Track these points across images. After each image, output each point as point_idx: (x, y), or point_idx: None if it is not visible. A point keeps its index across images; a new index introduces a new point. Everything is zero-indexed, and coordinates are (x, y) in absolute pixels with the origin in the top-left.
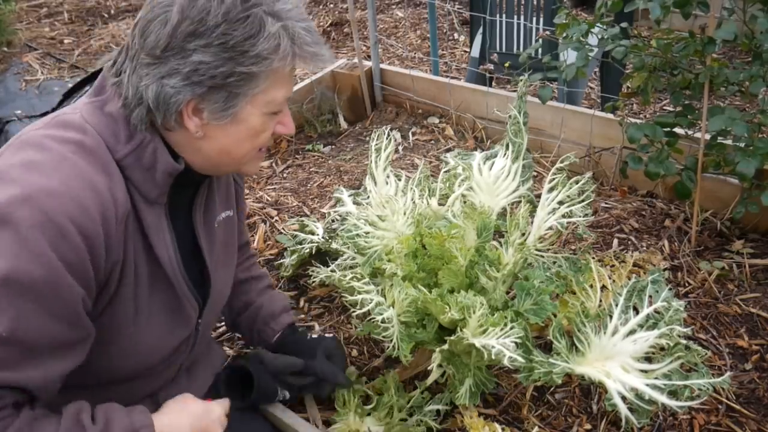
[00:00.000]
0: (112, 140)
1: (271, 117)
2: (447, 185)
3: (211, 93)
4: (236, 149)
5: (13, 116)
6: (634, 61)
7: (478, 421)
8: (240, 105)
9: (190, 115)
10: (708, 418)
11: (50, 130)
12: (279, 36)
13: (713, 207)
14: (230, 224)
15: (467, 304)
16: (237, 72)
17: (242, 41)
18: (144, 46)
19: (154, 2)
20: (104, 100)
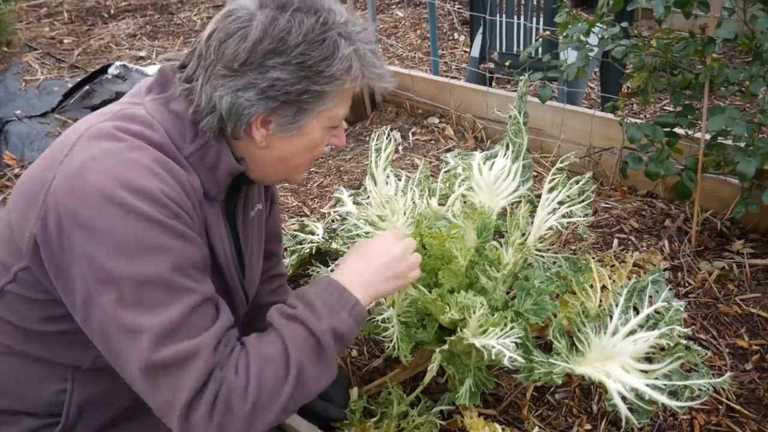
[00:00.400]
0: (178, 138)
1: (330, 130)
2: (447, 185)
3: (282, 107)
4: (294, 159)
5: (13, 116)
6: (635, 61)
7: (478, 422)
8: (306, 119)
9: (258, 127)
10: (708, 418)
11: (118, 122)
12: (351, 58)
13: (713, 207)
14: (261, 217)
15: (467, 304)
16: (311, 90)
17: (319, 62)
18: (221, 58)
19: (231, 16)
20: (168, 97)
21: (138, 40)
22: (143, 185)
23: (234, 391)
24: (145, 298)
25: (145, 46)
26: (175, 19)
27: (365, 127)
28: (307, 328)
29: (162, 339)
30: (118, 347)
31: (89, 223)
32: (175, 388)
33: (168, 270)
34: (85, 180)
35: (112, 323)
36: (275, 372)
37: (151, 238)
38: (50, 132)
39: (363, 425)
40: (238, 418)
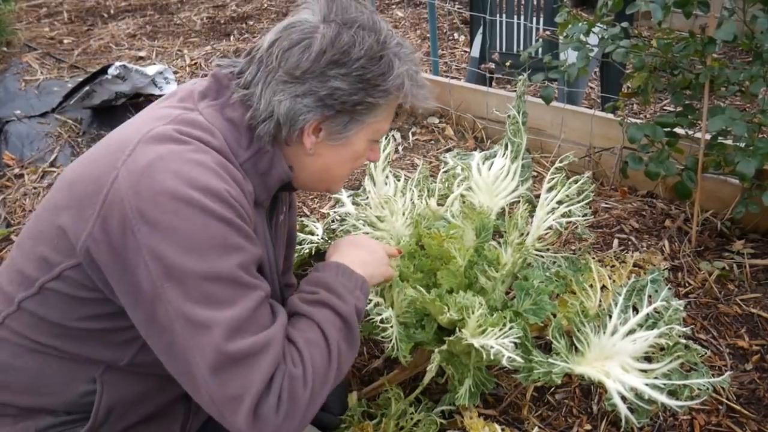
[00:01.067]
0: (234, 145)
1: (370, 144)
2: (446, 185)
3: (336, 116)
4: (337, 169)
5: (13, 116)
6: (635, 61)
7: (478, 422)
8: (355, 130)
9: (310, 134)
10: (708, 418)
11: (180, 125)
12: (403, 76)
13: (713, 207)
14: (285, 220)
15: (466, 304)
16: (366, 102)
17: (377, 76)
18: (283, 66)
19: (295, 28)
20: (223, 103)
21: (138, 41)
22: (212, 185)
23: (296, 380)
24: (214, 294)
25: (145, 46)
26: (175, 19)
27: None
28: (335, 311)
29: (233, 333)
30: (185, 343)
31: (158, 219)
32: (246, 381)
33: (236, 267)
34: (153, 179)
35: (179, 319)
36: (321, 356)
37: (222, 236)
38: (50, 132)
39: (362, 425)
40: (300, 406)
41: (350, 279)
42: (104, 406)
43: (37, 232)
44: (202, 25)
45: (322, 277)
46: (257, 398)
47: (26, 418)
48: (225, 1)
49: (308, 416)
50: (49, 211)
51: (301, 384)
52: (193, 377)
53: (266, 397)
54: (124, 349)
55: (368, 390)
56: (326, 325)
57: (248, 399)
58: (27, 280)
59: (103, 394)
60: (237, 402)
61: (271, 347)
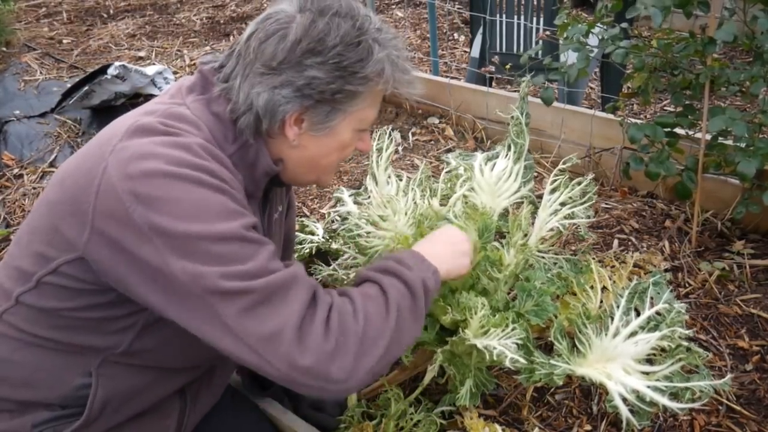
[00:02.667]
0: (221, 138)
1: (357, 134)
2: (448, 186)
3: (316, 106)
4: (324, 160)
5: (12, 116)
6: (635, 62)
7: (478, 422)
8: (338, 120)
9: (292, 125)
10: (708, 419)
11: (166, 119)
12: (383, 62)
13: (714, 207)
14: (281, 218)
15: (468, 305)
16: (345, 90)
17: (354, 63)
18: (260, 57)
19: (271, 18)
20: (209, 99)
21: (137, 41)
22: (201, 162)
23: (345, 313)
24: (226, 252)
25: (144, 46)
26: (175, 19)
27: None
28: (400, 278)
29: (255, 276)
30: (209, 299)
31: (153, 196)
32: (282, 312)
33: (240, 227)
34: (142, 163)
35: (197, 281)
36: (377, 308)
37: (220, 202)
38: (49, 132)
39: (361, 425)
40: (352, 338)
41: (422, 263)
42: (99, 399)
43: (33, 228)
44: (202, 25)
45: (395, 254)
46: (299, 325)
47: (23, 413)
48: (224, 2)
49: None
50: (44, 207)
51: (351, 317)
52: (227, 331)
53: (310, 323)
54: (120, 336)
55: (368, 390)
56: (387, 287)
57: (289, 329)
58: (24, 275)
59: (98, 388)
60: (277, 336)
61: (297, 279)
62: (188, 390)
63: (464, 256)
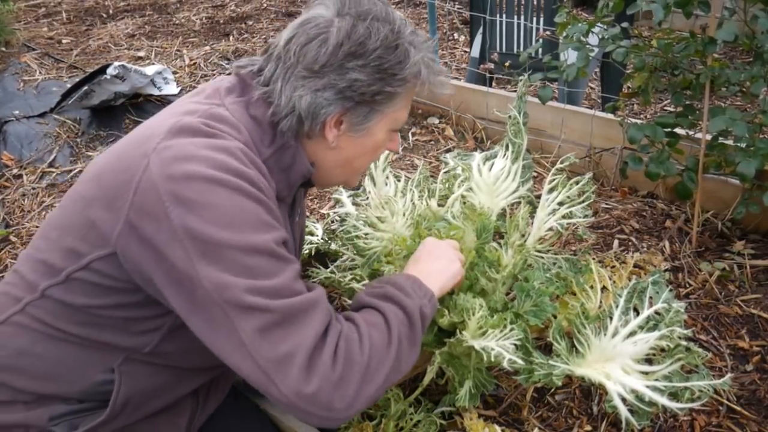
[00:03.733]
0: (258, 141)
1: (389, 134)
2: (446, 186)
3: (356, 108)
4: (357, 161)
5: (11, 116)
6: (635, 61)
7: (478, 423)
8: (375, 121)
9: (332, 127)
10: (709, 419)
11: (208, 119)
12: (420, 64)
13: (714, 207)
14: (301, 222)
15: (466, 306)
16: (385, 91)
17: (394, 65)
18: (302, 61)
19: (311, 23)
20: (248, 101)
21: (137, 41)
22: (242, 169)
23: (352, 342)
24: (254, 265)
25: (144, 46)
26: (174, 19)
27: None
28: (400, 305)
29: (277, 295)
30: (229, 312)
31: (192, 200)
32: (297, 336)
33: (271, 241)
34: (185, 164)
35: (221, 291)
36: (381, 337)
37: (256, 213)
38: (48, 132)
39: (361, 426)
40: (357, 370)
41: (420, 288)
42: (122, 396)
43: (65, 224)
44: (201, 25)
45: (393, 277)
46: (310, 352)
47: (39, 405)
48: (224, 1)
49: (363, 392)
50: (78, 203)
51: (357, 347)
52: (241, 345)
53: (320, 351)
54: (147, 337)
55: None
56: (390, 315)
57: (300, 354)
58: (52, 269)
59: (122, 385)
60: (288, 359)
61: (318, 305)
62: (200, 390)
63: (453, 265)
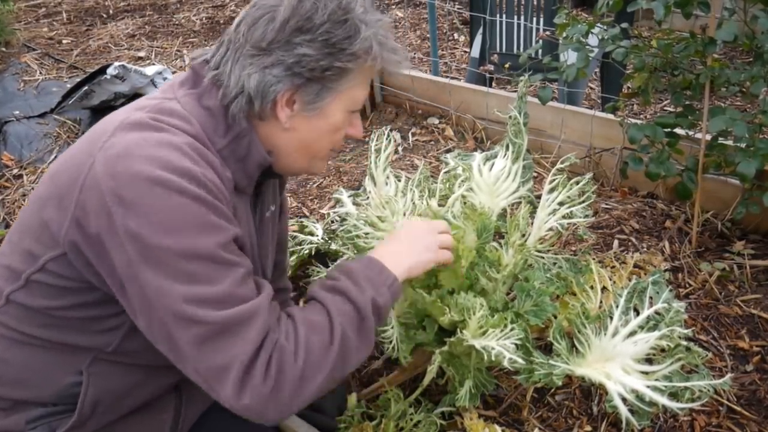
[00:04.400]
0: (211, 132)
1: (348, 117)
2: (447, 186)
3: (307, 84)
4: (315, 144)
5: (12, 117)
6: (635, 62)
7: (478, 423)
8: (328, 99)
9: (284, 106)
10: (709, 419)
11: (156, 114)
12: (371, 40)
13: (714, 208)
14: (275, 218)
15: (467, 305)
16: (334, 66)
17: (342, 40)
18: (250, 40)
19: (259, 3)
20: (200, 92)
21: (137, 41)
22: (187, 167)
23: (286, 353)
24: (194, 271)
25: (144, 46)
26: (174, 19)
27: (365, 128)
28: (350, 299)
29: (216, 305)
30: (167, 319)
31: (135, 201)
32: (233, 349)
33: (214, 246)
34: (129, 163)
35: (159, 297)
36: (321, 339)
37: (199, 215)
38: (48, 132)
39: (361, 426)
40: (289, 380)
41: (380, 274)
42: (90, 398)
43: (24, 226)
44: (201, 25)
45: (350, 265)
46: (245, 367)
47: (16, 410)
48: (224, 2)
49: (298, 397)
50: (35, 204)
51: (291, 357)
52: (179, 352)
53: (254, 364)
54: (109, 336)
55: (368, 391)
56: (334, 312)
57: (235, 368)
58: (14, 274)
59: (89, 386)
60: (224, 372)
61: (257, 316)
62: (183, 386)
63: (427, 251)
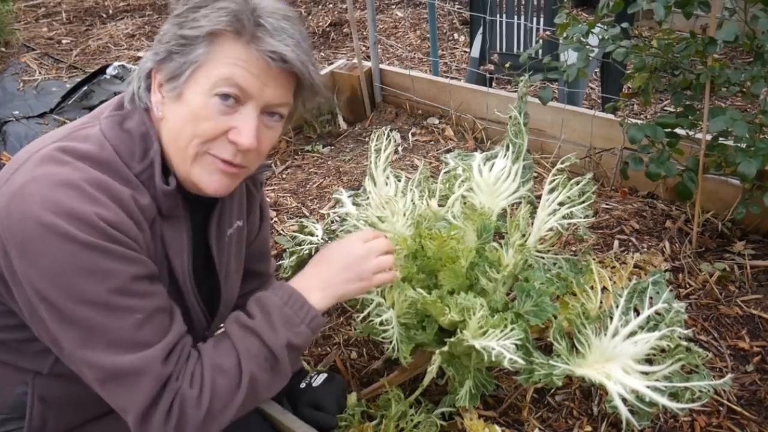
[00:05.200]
0: (127, 156)
1: (214, 104)
2: (447, 186)
3: (165, 61)
4: (180, 135)
5: (11, 117)
6: (635, 62)
7: (478, 423)
8: (185, 77)
9: (155, 90)
10: (709, 420)
11: (66, 142)
12: (231, 11)
13: (714, 208)
14: (241, 234)
15: (467, 305)
16: (177, 34)
17: (189, 10)
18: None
19: None
20: (124, 115)
21: (137, 41)
22: (78, 210)
23: (188, 400)
24: (86, 317)
25: (143, 46)
26: None
27: (365, 128)
28: (262, 341)
29: (111, 351)
30: (71, 356)
31: (26, 246)
32: (129, 397)
33: (106, 292)
34: (22, 203)
35: (61, 338)
36: (228, 383)
37: (88, 262)
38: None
39: (361, 426)
40: (192, 423)
41: (299, 311)
42: (37, 411)
43: None
44: None
45: (268, 301)
46: (142, 412)
47: None
48: None
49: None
50: None
51: (193, 404)
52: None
53: (152, 412)
54: (43, 357)
55: (368, 391)
56: (246, 354)
57: (132, 412)
58: None
59: (35, 401)
60: (125, 412)
61: (150, 369)
62: None
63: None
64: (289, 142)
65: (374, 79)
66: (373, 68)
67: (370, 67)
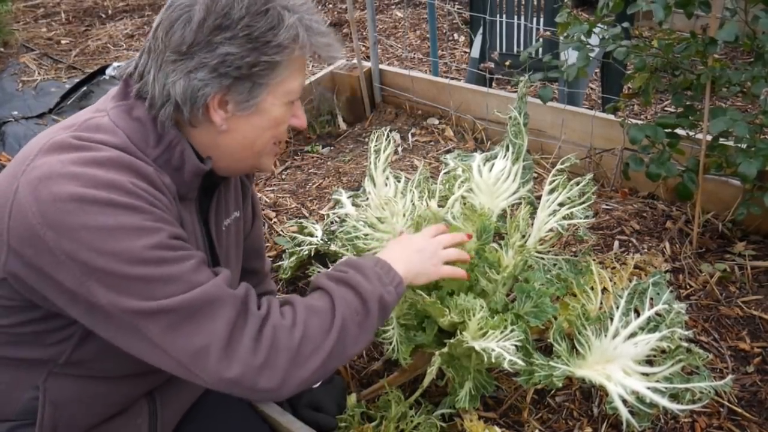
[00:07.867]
0: (142, 144)
1: (288, 108)
2: (447, 187)
3: (236, 84)
4: (258, 141)
5: (10, 117)
6: (635, 62)
7: (478, 425)
8: (262, 95)
9: (216, 108)
10: (709, 421)
11: (80, 132)
12: (296, 27)
13: (715, 208)
14: (238, 225)
15: (467, 306)
16: (262, 61)
17: (265, 32)
18: (169, 45)
19: (174, 4)
20: (130, 105)
21: (136, 41)
22: (113, 179)
23: (280, 328)
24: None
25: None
26: None
27: (364, 128)
28: (357, 291)
29: (176, 292)
30: (130, 321)
31: (63, 223)
32: (209, 328)
33: (156, 245)
34: (51, 185)
35: (115, 306)
36: (320, 323)
37: (132, 222)
38: None
39: (361, 427)
40: (283, 356)
41: (387, 273)
42: (48, 413)
43: None
44: None
45: (358, 260)
46: (226, 340)
47: None
48: None
49: (295, 370)
50: None
51: (286, 332)
52: (153, 346)
53: (239, 339)
54: (61, 347)
55: (368, 392)
56: (339, 301)
57: (216, 344)
58: None
59: (47, 403)
60: (205, 352)
61: (223, 294)
62: (156, 390)
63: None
64: (289, 142)
65: (374, 79)
66: (372, 68)
67: (370, 67)
